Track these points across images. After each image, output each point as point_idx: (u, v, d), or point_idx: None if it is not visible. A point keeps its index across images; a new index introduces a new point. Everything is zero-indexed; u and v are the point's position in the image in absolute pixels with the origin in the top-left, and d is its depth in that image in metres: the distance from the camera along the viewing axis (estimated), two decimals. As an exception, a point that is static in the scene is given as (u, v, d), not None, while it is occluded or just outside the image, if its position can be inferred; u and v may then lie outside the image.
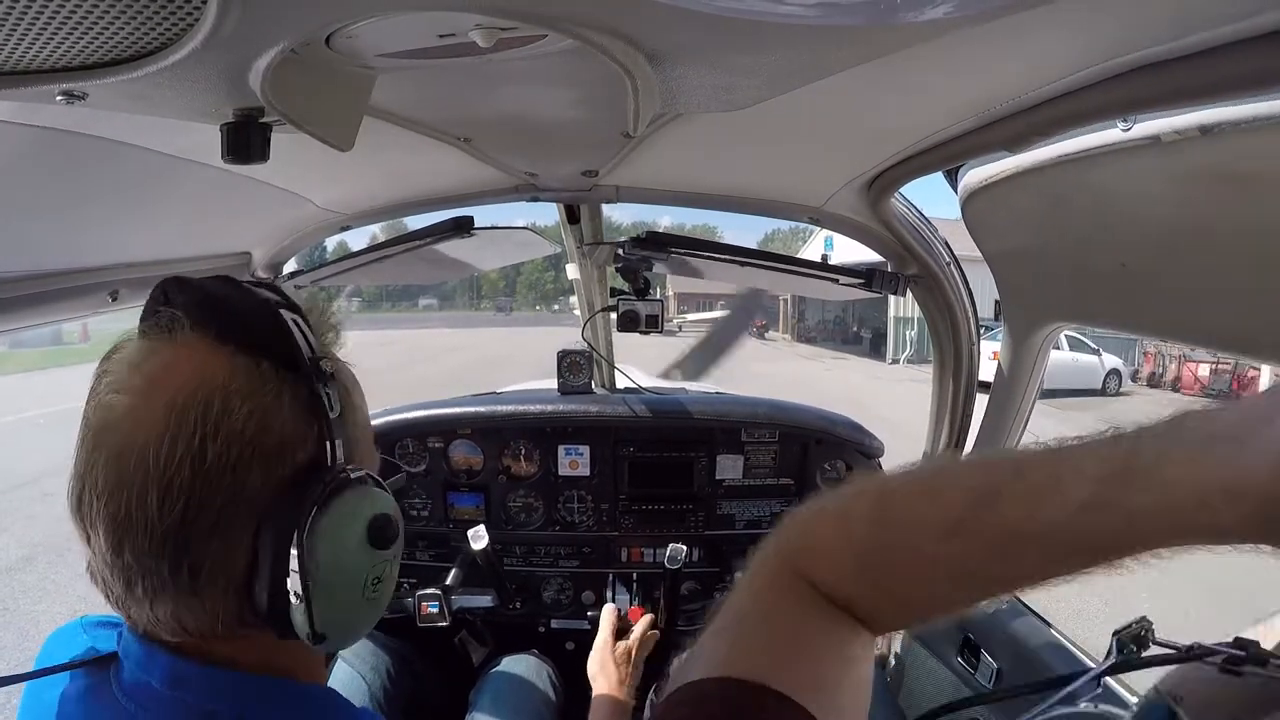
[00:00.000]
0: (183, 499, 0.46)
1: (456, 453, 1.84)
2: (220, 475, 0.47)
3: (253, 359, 0.50)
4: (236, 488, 0.47)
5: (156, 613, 0.49)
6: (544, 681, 1.52)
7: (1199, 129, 0.61)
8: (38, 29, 0.45)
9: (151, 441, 0.46)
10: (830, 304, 22.58)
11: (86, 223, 0.95)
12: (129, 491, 0.46)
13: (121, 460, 0.46)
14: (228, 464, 0.47)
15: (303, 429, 0.51)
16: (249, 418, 0.48)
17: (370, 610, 0.55)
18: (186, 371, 0.48)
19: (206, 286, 0.52)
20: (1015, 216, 1.03)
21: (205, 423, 0.46)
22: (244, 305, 0.52)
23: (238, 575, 0.49)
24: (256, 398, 0.49)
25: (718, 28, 0.52)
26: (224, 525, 0.48)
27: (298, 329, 0.52)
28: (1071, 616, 4.03)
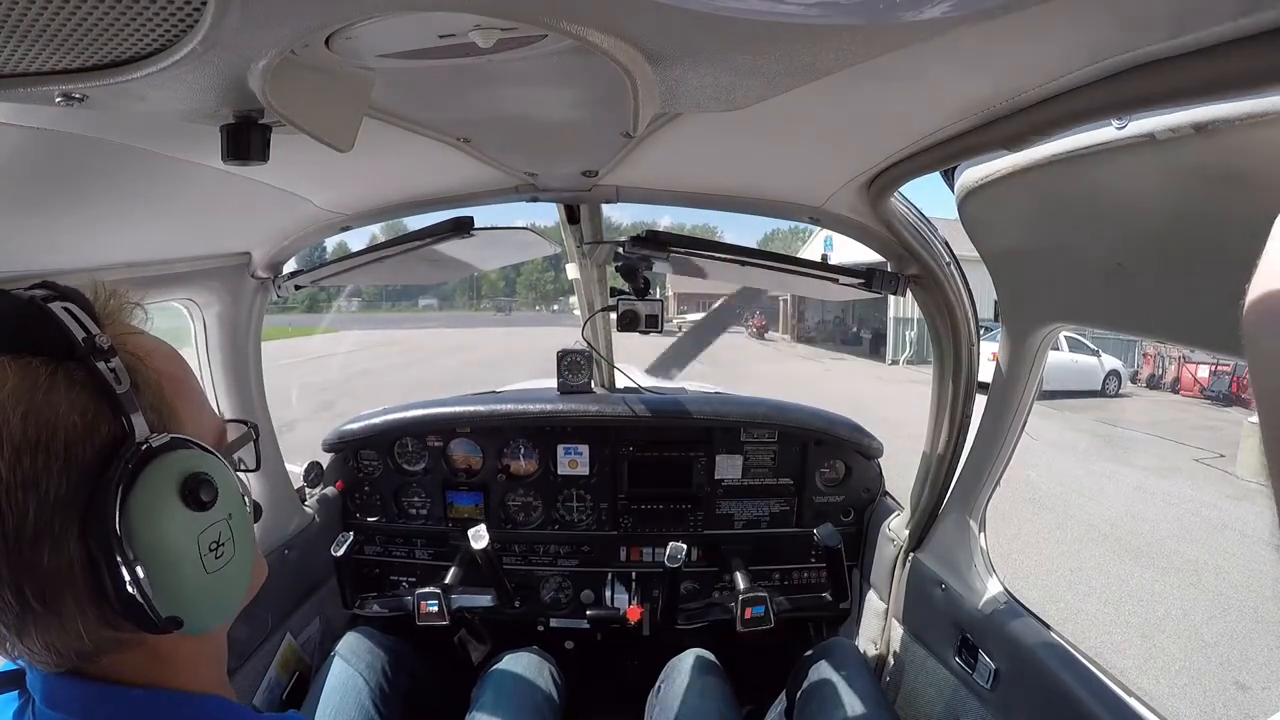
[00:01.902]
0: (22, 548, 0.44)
1: (456, 452, 1.84)
2: (20, 488, 0.44)
3: (21, 358, 0.47)
4: (42, 495, 0.45)
5: (29, 646, 0.47)
6: (545, 679, 1.52)
7: (1193, 127, 0.62)
8: (37, 31, 0.45)
9: None
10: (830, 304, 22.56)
11: (87, 223, 0.95)
12: None
13: None
14: (23, 475, 0.44)
15: (92, 413, 0.48)
16: (25, 420, 0.45)
17: (226, 579, 0.53)
18: None
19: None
20: (1012, 216, 1.03)
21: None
22: (6, 308, 0.49)
23: (82, 583, 0.47)
24: (29, 397, 0.46)
25: (718, 28, 0.52)
26: (45, 536, 0.45)
27: (69, 316, 0.49)
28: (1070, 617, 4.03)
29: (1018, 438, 1.34)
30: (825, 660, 1.47)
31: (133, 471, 0.48)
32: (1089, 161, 0.77)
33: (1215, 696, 3.43)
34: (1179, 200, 0.73)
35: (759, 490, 1.85)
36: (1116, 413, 12.06)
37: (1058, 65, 0.62)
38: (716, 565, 1.85)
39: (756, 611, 1.57)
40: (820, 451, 1.85)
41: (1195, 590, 4.73)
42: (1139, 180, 0.75)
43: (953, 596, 1.40)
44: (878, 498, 1.86)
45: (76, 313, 0.49)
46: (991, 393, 1.32)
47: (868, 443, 1.85)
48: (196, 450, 0.52)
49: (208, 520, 0.51)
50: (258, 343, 1.59)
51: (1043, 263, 1.06)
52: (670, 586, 1.63)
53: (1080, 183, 0.82)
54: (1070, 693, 1.06)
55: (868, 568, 1.77)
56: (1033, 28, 0.53)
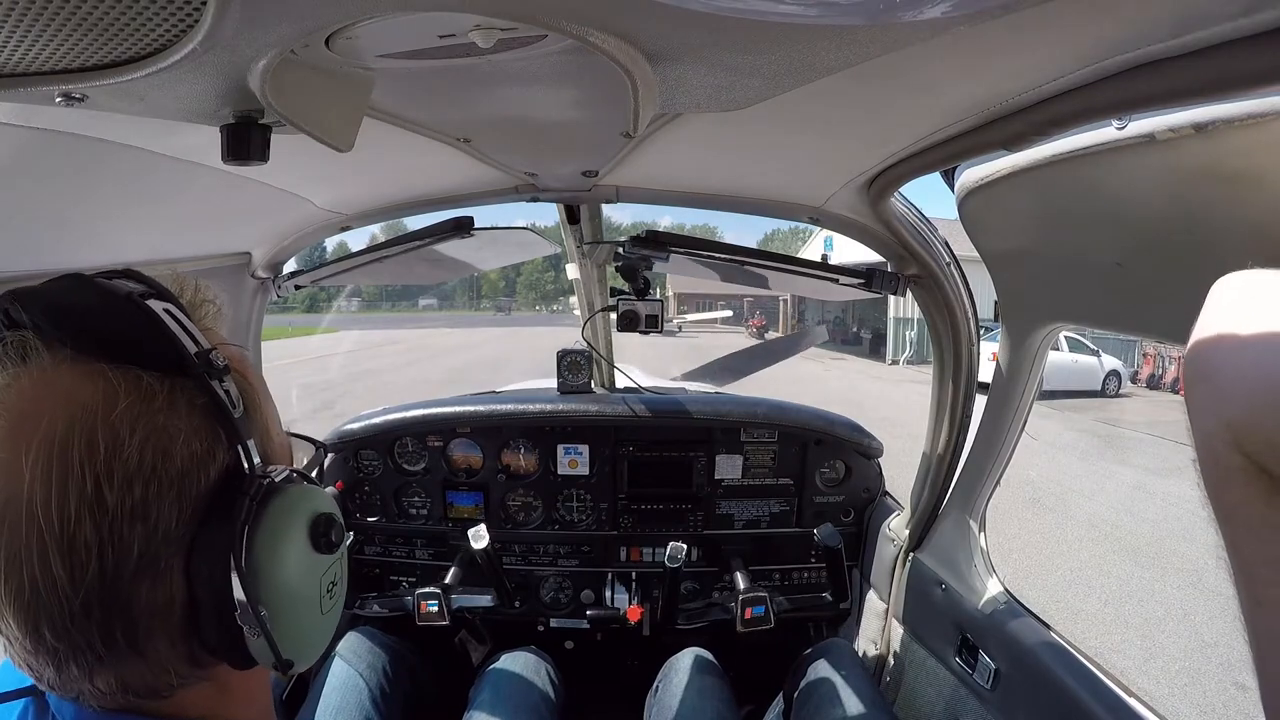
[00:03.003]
0: (93, 557, 0.39)
1: (456, 452, 1.84)
2: (129, 519, 0.40)
3: (131, 372, 0.42)
4: (150, 527, 0.41)
5: (97, 685, 0.43)
6: (543, 678, 1.52)
7: (1193, 127, 0.62)
8: (37, 31, 0.45)
9: (37, 497, 0.38)
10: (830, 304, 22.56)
11: (87, 223, 0.95)
12: (29, 564, 0.39)
13: (9, 527, 0.39)
14: (134, 505, 0.40)
15: (208, 439, 0.44)
16: (144, 446, 0.41)
17: (331, 618, 0.50)
18: (57, 403, 0.40)
19: (51, 293, 0.44)
20: (1011, 215, 1.03)
21: (94, 463, 0.39)
22: (102, 307, 0.44)
23: (179, 618, 0.43)
24: (147, 420, 0.41)
25: (718, 28, 0.52)
26: (149, 570, 0.41)
27: (174, 320, 0.45)
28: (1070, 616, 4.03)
29: (1018, 438, 1.34)
30: (822, 660, 1.47)
31: (258, 507, 0.45)
32: (1089, 161, 0.77)
33: (1215, 697, 3.43)
34: (1179, 200, 0.73)
35: (759, 490, 1.85)
36: (1117, 413, 12.06)
37: (1058, 65, 0.62)
38: (716, 565, 1.85)
39: (756, 611, 1.57)
40: (820, 451, 1.85)
41: (1195, 590, 4.73)
42: (1139, 180, 0.75)
43: (953, 596, 1.40)
44: (878, 498, 1.86)
45: (179, 316, 0.46)
46: (991, 393, 1.32)
47: (868, 443, 1.85)
48: (315, 487, 0.50)
49: (329, 561, 0.49)
50: (258, 343, 1.59)
51: (1043, 263, 1.06)
52: (670, 586, 1.63)
53: (1080, 183, 0.82)
54: (1070, 693, 1.06)
55: (868, 568, 1.77)
56: (1033, 28, 0.53)
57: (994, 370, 1.31)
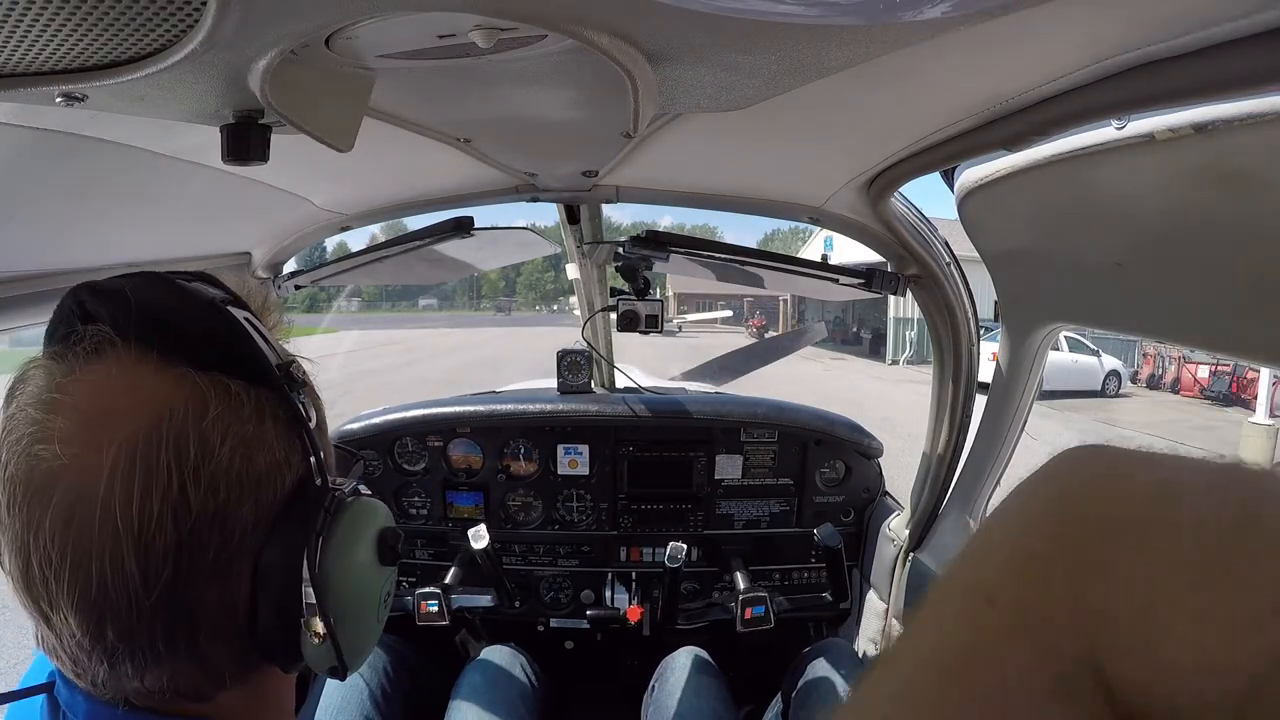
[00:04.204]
0: (170, 559, 0.39)
1: (456, 452, 1.84)
2: (210, 522, 0.41)
3: (218, 379, 0.42)
4: (228, 532, 0.42)
5: (146, 684, 0.42)
6: (519, 671, 1.52)
7: (1192, 127, 0.62)
8: (37, 31, 0.45)
9: (116, 497, 0.38)
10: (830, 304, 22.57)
11: (87, 223, 0.95)
12: (99, 562, 0.38)
13: (79, 524, 0.38)
14: (216, 508, 0.41)
15: (287, 449, 0.45)
16: (233, 454, 0.42)
17: (380, 627, 0.52)
18: (139, 403, 0.40)
19: (132, 290, 0.43)
20: (1011, 216, 1.03)
21: (183, 466, 0.39)
22: (187, 310, 0.44)
23: (240, 621, 0.44)
24: (237, 428, 0.42)
25: (718, 28, 0.52)
26: (220, 574, 0.42)
27: (256, 331, 0.45)
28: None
29: (1018, 438, 1.34)
30: (821, 659, 1.47)
31: (331, 521, 0.46)
32: (1089, 161, 0.77)
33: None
34: (1179, 200, 0.73)
35: (759, 490, 1.85)
36: (1117, 413, 12.06)
37: (1058, 65, 0.62)
38: (716, 565, 1.85)
39: (757, 611, 1.57)
40: (820, 451, 1.85)
41: (1195, 590, 4.73)
42: (1139, 180, 0.75)
43: None
44: (878, 498, 1.87)
45: (258, 326, 0.46)
46: (991, 393, 1.32)
47: (868, 443, 1.85)
48: (379, 501, 0.52)
49: (389, 573, 0.51)
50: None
51: (1043, 263, 1.06)
52: (670, 586, 1.63)
53: (1080, 183, 0.82)
54: None
55: (868, 568, 1.77)
56: (1033, 28, 0.53)
57: (994, 370, 1.31)
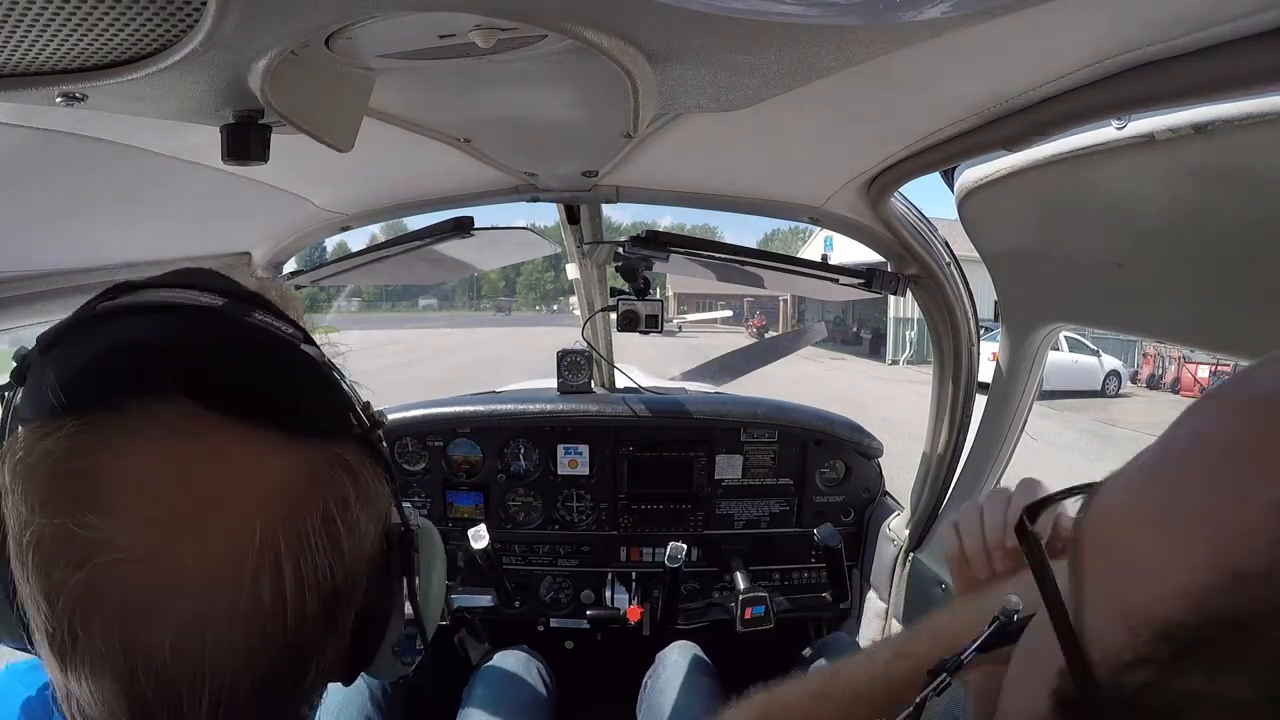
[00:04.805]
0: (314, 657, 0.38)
1: (456, 452, 1.84)
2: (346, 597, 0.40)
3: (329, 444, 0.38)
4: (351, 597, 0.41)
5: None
6: (534, 677, 1.52)
7: (1192, 127, 0.62)
8: (37, 31, 0.45)
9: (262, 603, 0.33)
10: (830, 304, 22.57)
11: (86, 223, 0.95)
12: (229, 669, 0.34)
13: (207, 635, 0.33)
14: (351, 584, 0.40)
15: (377, 502, 0.43)
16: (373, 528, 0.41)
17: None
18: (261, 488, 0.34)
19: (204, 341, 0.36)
20: (1011, 216, 1.03)
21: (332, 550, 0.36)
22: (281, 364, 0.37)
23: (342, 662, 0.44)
24: (373, 501, 0.40)
25: (718, 28, 0.52)
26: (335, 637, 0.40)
27: (338, 374, 0.42)
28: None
29: (1018, 438, 1.34)
30: (825, 657, 1.47)
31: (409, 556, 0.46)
32: (1089, 161, 0.77)
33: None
34: (1179, 200, 0.73)
35: (759, 490, 1.85)
36: (1117, 413, 12.05)
37: (1058, 65, 0.62)
38: (716, 565, 1.85)
39: (757, 611, 1.57)
40: (820, 451, 1.85)
41: (1195, 590, 4.72)
42: (1139, 180, 0.75)
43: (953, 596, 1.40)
44: (878, 498, 1.87)
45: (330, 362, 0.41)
46: (991, 393, 1.32)
47: (868, 443, 1.85)
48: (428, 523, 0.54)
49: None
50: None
51: (1043, 263, 1.06)
52: (670, 586, 1.63)
53: (1080, 183, 0.82)
54: None
55: (868, 568, 1.77)
56: (1033, 28, 0.53)
57: (994, 370, 1.31)
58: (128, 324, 0.36)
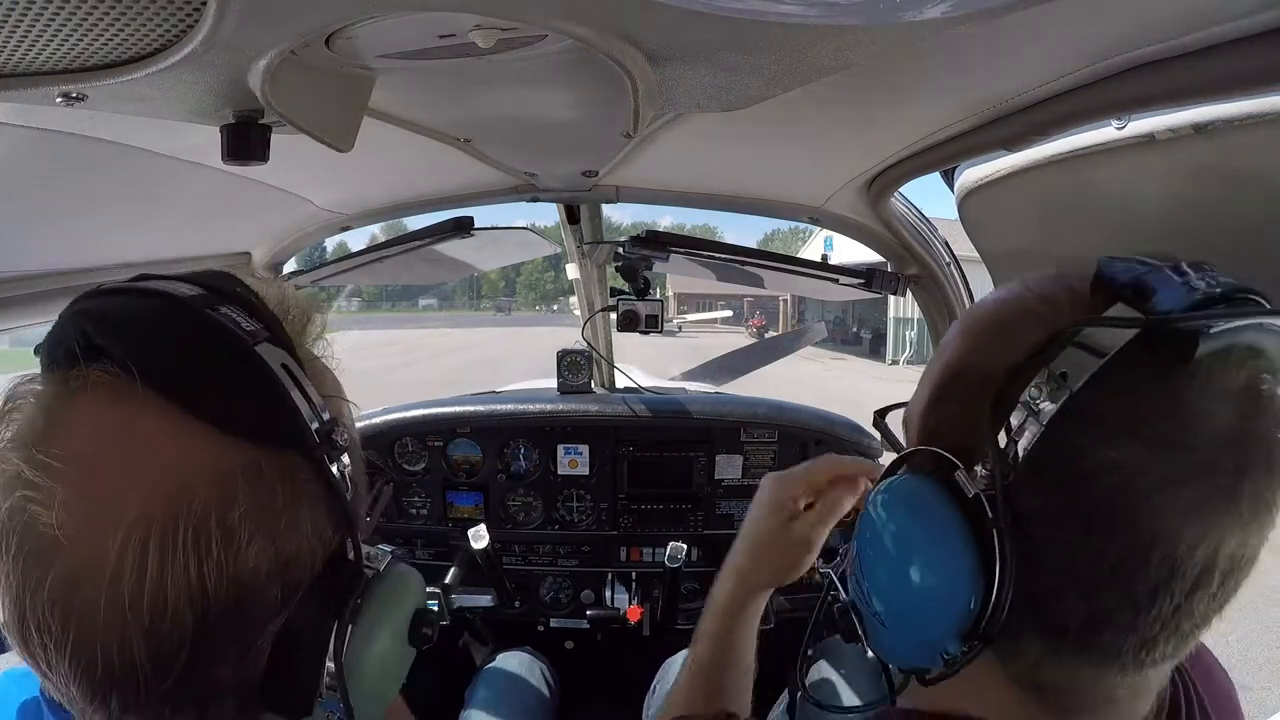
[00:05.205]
0: (185, 649, 0.36)
1: (456, 452, 1.84)
2: (231, 612, 0.37)
3: (247, 450, 0.37)
4: (249, 615, 0.38)
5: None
6: (537, 678, 1.52)
7: (1192, 127, 0.62)
8: (37, 31, 0.45)
9: (125, 586, 0.34)
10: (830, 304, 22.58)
11: (87, 223, 0.95)
12: (104, 643, 0.34)
13: (82, 603, 0.34)
14: (239, 597, 0.37)
15: (321, 527, 0.41)
16: (261, 549, 0.37)
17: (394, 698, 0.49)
18: (153, 479, 0.35)
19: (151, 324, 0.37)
20: (1011, 216, 1.03)
21: (203, 561, 0.35)
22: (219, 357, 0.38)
23: (252, 689, 0.40)
24: (268, 522, 0.37)
25: (718, 28, 0.52)
26: (236, 652, 0.38)
27: (293, 380, 0.39)
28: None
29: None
30: (827, 659, 1.47)
31: (363, 603, 0.42)
32: (1089, 161, 0.77)
33: (1215, 696, 3.44)
34: (1179, 200, 0.73)
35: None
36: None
37: (1058, 65, 0.62)
38: (716, 565, 1.85)
39: None
40: (820, 451, 1.85)
41: (1195, 590, 4.72)
42: (1139, 180, 0.75)
43: None
44: None
45: (295, 373, 0.39)
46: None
47: (868, 443, 1.85)
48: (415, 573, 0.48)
49: (414, 652, 0.47)
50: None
51: (1043, 263, 1.05)
52: (670, 586, 1.63)
53: (1080, 183, 0.82)
54: None
55: (868, 567, 1.77)
56: (1033, 28, 0.53)
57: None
58: (101, 301, 0.38)
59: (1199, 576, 0.36)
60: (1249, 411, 0.37)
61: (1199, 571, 0.36)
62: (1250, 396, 0.37)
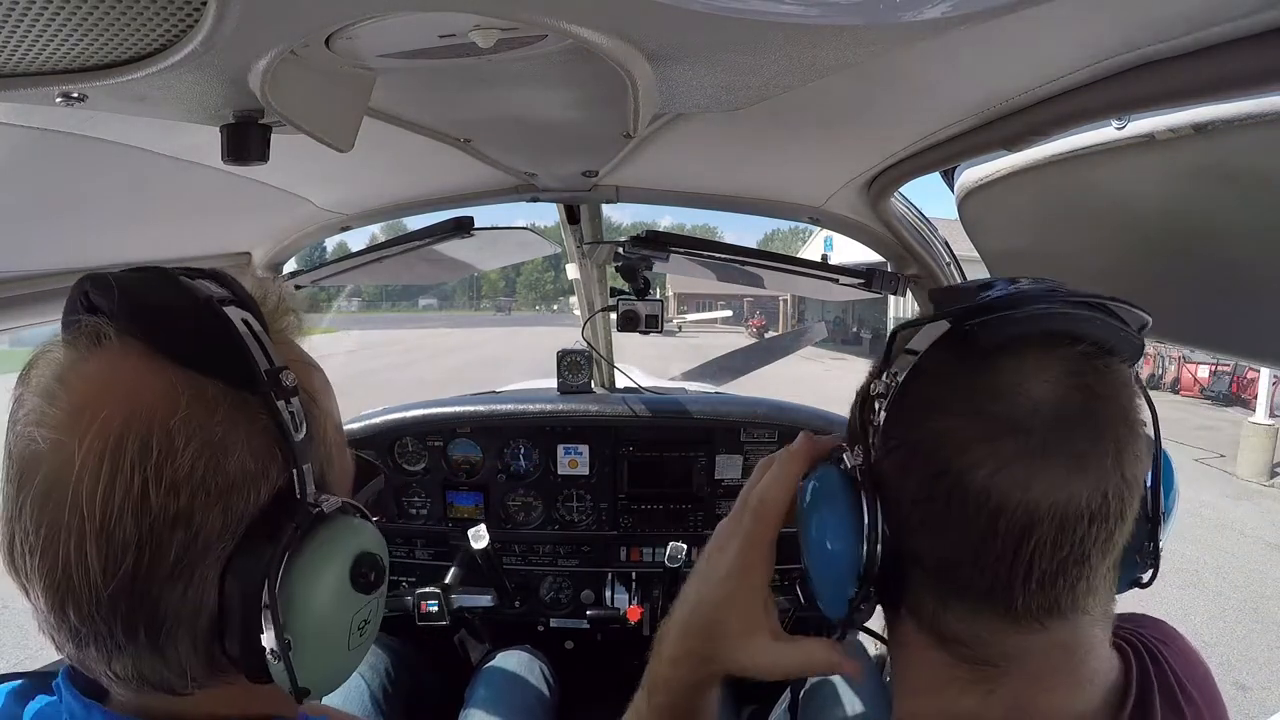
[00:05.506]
0: (129, 553, 0.39)
1: (456, 452, 1.84)
2: (170, 524, 0.40)
3: (197, 379, 0.42)
4: (191, 535, 0.41)
5: (115, 670, 0.43)
6: (537, 677, 1.52)
7: (1192, 127, 0.62)
8: (37, 31, 0.45)
9: (85, 486, 0.39)
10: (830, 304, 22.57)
11: (87, 223, 0.95)
12: (65, 546, 0.39)
13: (51, 506, 0.39)
14: (177, 511, 0.40)
15: (264, 459, 0.44)
16: (197, 457, 0.41)
17: (357, 655, 0.49)
18: (118, 397, 0.41)
19: (134, 285, 0.44)
20: (1011, 216, 1.03)
21: (144, 465, 0.39)
22: (181, 308, 0.44)
23: (205, 626, 0.43)
24: (204, 432, 0.41)
25: (718, 28, 0.52)
26: (183, 576, 0.41)
27: (250, 333, 0.44)
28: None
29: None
30: None
31: (301, 538, 0.44)
32: (1089, 161, 0.77)
33: (1215, 696, 3.43)
34: (1179, 200, 0.73)
35: None
36: (1116, 413, 12.00)
37: (1058, 65, 0.62)
38: None
39: None
40: None
41: (1195, 590, 4.73)
42: (1139, 180, 0.75)
43: None
44: None
45: (255, 328, 0.45)
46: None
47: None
48: (365, 523, 0.49)
49: (365, 601, 0.48)
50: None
51: (1042, 263, 1.06)
52: (671, 586, 1.63)
53: (1080, 183, 0.82)
54: None
55: (868, 567, 1.77)
56: (1033, 28, 0.53)
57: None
58: (104, 274, 0.46)
59: (1026, 523, 0.42)
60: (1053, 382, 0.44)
61: (1024, 518, 0.42)
62: (1050, 371, 0.45)
